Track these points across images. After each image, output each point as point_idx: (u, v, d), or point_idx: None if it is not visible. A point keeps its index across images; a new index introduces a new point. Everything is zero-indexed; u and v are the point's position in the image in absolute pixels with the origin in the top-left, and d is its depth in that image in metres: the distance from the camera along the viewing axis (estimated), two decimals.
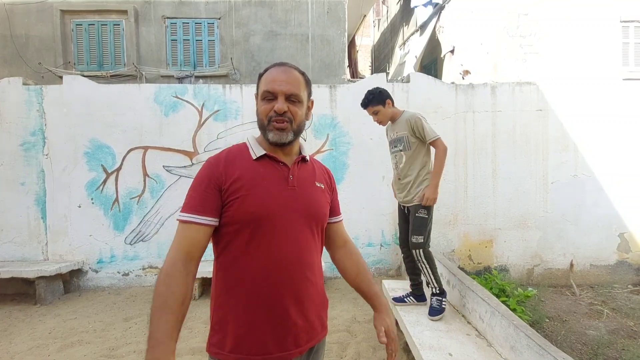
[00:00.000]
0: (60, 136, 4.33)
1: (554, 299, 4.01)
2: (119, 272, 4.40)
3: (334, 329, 3.08)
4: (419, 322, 2.43)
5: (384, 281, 3.33)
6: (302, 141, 1.17)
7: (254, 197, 0.99)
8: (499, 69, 5.85)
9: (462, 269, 4.22)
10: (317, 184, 1.13)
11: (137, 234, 4.40)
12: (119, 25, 6.23)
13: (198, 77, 6.20)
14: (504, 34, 5.86)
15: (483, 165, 4.54)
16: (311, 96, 1.12)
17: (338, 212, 1.25)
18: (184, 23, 6.31)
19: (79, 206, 4.34)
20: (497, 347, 2.05)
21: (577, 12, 5.81)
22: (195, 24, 6.32)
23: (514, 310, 2.99)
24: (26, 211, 4.31)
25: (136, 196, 4.40)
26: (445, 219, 4.50)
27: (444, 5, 6.26)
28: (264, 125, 1.04)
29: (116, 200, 4.38)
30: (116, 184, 4.39)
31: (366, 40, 11.86)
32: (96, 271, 4.38)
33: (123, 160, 4.39)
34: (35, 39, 6.14)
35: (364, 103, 2.65)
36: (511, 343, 1.90)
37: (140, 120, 4.41)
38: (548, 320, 3.45)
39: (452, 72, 6.01)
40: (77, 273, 4.35)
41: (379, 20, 11.03)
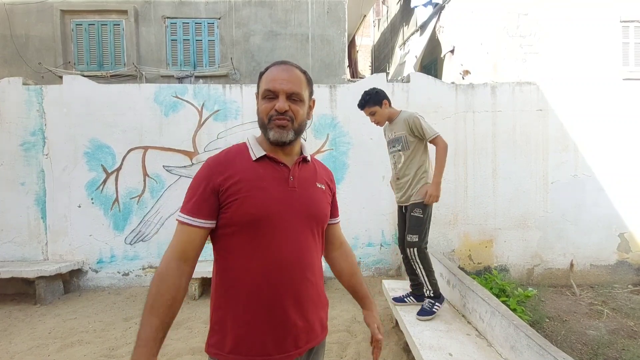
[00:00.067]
0: (60, 136, 4.33)
1: (554, 299, 4.01)
2: (119, 272, 4.40)
3: (334, 329, 3.08)
4: (419, 322, 2.43)
5: (384, 281, 3.32)
6: (303, 141, 1.16)
7: (252, 199, 0.98)
8: (499, 69, 5.85)
9: (462, 269, 4.22)
10: (318, 184, 1.12)
11: (137, 234, 4.41)
12: (119, 25, 6.23)
13: (198, 77, 6.20)
14: (504, 34, 5.87)
15: (483, 165, 4.54)
16: (313, 95, 1.11)
17: (336, 214, 1.25)
18: (184, 23, 6.31)
19: (79, 206, 4.35)
20: (497, 347, 2.05)
21: (577, 12, 5.81)
22: (195, 24, 6.32)
23: (514, 310, 2.99)
24: (26, 211, 4.31)
25: (136, 196, 4.40)
26: (445, 218, 4.50)
27: (444, 5, 6.26)
28: (265, 124, 1.02)
29: (116, 200, 4.38)
30: (116, 184, 4.39)
31: (366, 40, 11.85)
32: (96, 271, 4.38)
33: (123, 160, 4.39)
34: (35, 39, 6.14)
35: (360, 104, 2.64)
36: (511, 343, 1.90)
37: (140, 120, 4.41)
38: (548, 320, 3.44)
39: (452, 72, 6.01)
40: (77, 273, 4.36)
41: (379, 20, 11.03)
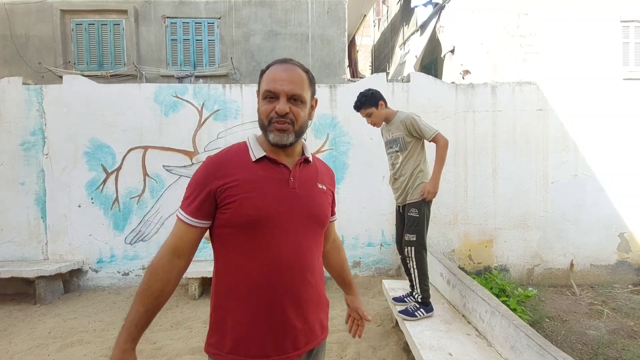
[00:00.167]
0: (60, 136, 4.33)
1: (554, 299, 4.01)
2: (119, 272, 4.40)
3: (334, 329, 3.08)
4: (419, 322, 2.43)
5: (384, 281, 3.32)
6: (304, 142, 1.16)
7: (251, 200, 0.97)
8: (499, 68, 5.85)
9: (463, 269, 4.22)
10: (319, 185, 1.11)
11: (137, 234, 4.40)
12: (119, 25, 6.23)
13: (198, 77, 6.20)
14: (504, 33, 5.87)
15: (483, 165, 4.54)
16: (315, 95, 1.08)
17: (334, 213, 1.25)
18: (184, 23, 6.31)
19: (79, 206, 4.34)
20: (497, 347, 2.05)
21: (577, 12, 5.81)
22: (195, 23, 6.32)
23: (514, 310, 2.99)
24: (26, 211, 4.31)
25: (136, 196, 4.40)
26: (446, 218, 4.49)
27: (444, 5, 6.26)
28: (265, 126, 1.01)
29: (116, 200, 4.38)
30: (116, 184, 4.39)
31: (366, 40, 11.85)
32: (96, 271, 4.38)
33: (123, 160, 4.39)
34: (35, 39, 6.13)
35: (356, 106, 2.59)
36: (511, 343, 1.90)
37: (140, 119, 4.41)
38: (548, 320, 3.44)
39: (452, 72, 6.01)
40: (77, 273, 4.35)
41: (379, 20, 11.03)
